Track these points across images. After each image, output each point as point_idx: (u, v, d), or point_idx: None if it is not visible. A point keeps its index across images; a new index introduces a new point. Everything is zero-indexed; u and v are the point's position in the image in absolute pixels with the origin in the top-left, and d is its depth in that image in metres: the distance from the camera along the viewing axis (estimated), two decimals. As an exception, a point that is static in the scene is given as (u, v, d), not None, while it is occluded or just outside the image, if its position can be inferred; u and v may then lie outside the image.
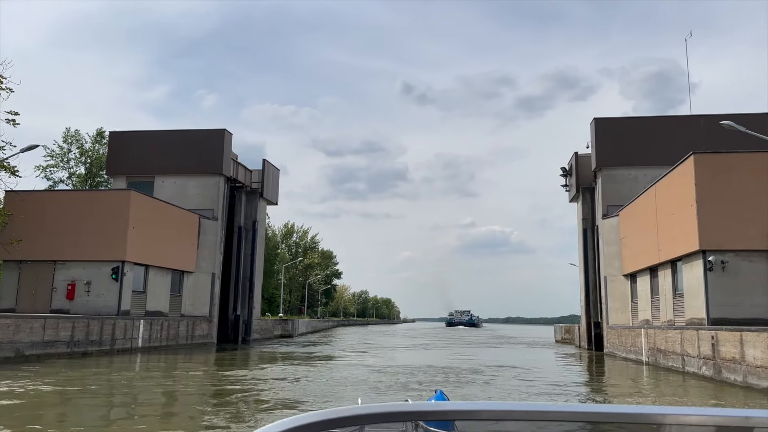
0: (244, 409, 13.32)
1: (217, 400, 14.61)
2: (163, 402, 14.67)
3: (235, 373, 20.58)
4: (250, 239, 45.25)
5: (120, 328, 29.54)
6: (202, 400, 14.87)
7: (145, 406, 14.04)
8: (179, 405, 14.41)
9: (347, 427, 1.51)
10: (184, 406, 14.16)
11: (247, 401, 14.37)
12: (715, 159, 23.75)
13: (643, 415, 1.49)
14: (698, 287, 23.83)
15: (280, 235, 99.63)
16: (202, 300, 38.86)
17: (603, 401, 16.63)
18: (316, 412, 1.39)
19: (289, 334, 54.83)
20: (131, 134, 42.46)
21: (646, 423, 1.51)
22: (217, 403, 14.13)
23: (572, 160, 45.59)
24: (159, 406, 14.07)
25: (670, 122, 38.28)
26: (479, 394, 16.29)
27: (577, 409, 1.55)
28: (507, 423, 1.61)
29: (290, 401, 14.40)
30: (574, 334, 52.83)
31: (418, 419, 1.84)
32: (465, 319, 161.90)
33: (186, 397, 15.39)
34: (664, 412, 1.49)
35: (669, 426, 1.53)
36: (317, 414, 1.38)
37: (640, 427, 1.57)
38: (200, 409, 13.48)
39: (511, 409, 1.54)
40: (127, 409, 13.57)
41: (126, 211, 31.78)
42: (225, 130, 41.09)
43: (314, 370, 22.71)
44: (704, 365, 20.83)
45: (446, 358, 30.69)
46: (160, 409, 13.70)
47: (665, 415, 1.49)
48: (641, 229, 30.90)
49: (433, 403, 1.80)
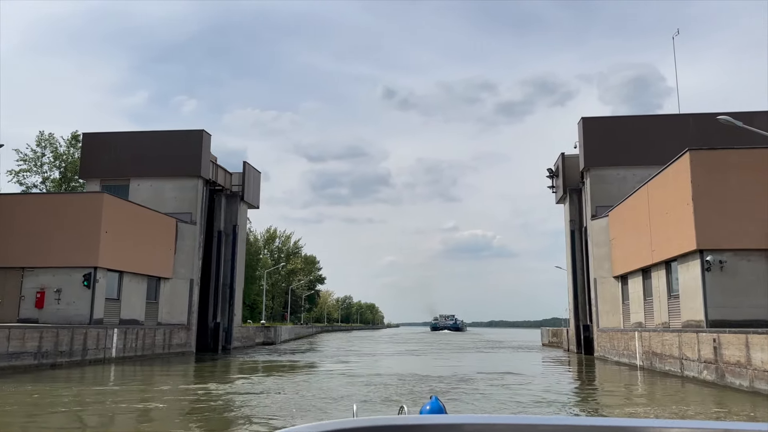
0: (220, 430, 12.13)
1: (194, 422, 13.38)
2: (135, 422, 13.40)
3: (214, 388, 19.30)
4: (230, 244, 43.86)
5: (92, 337, 28.06)
6: (178, 420, 13.62)
7: (115, 426, 12.77)
8: (153, 425, 13.15)
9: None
10: (158, 425, 12.91)
11: (225, 420, 13.16)
12: (711, 156, 22.99)
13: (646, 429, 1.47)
14: (695, 288, 23.02)
15: (262, 240, 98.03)
16: (180, 307, 37.39)
17: (601, 409, 15.66)
18: (309, 424, 1.36)
19: (271, 342, 53.40)
20: (105, 136, 40.94)
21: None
22: (195, 424, 12.91)
23: (559, 161, 44.88)
24: (130, 427, 12.80)
25: (660, 121, 37.69)
26: (474, 405, 15.22)
27: (574, 422, 1.52)
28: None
29: (271, 419, 13.21)
30: (561, 337, 52.07)
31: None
32: (450, 324, 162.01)
33: (160, 414, 14.12)
34: (658, 425, 1.48)
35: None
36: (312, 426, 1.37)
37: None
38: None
39: (506, 423, 1.55)
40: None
41: (98, 214, 30.33)
42: (203, 131, 39.73)
43: (298, 381, 21.51)
44: (705, 369, 19.97)
45: (435, 366, 29.62)
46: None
47: (660, 428, 1.48)
48: (632, 229, 30.13)
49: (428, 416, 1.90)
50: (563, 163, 43.99)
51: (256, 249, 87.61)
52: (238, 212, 44.70)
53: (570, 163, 43.80)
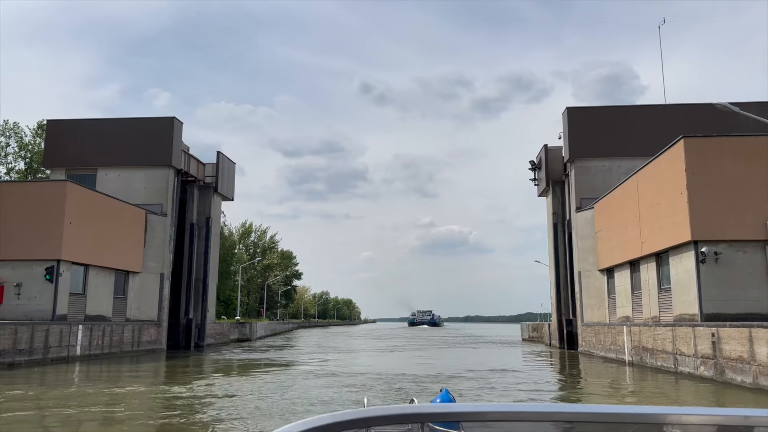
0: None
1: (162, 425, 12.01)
2: (97, 428, 11.98)
3: (180, 391, 17.89)
4: (203, 237, 42.23)
5: (54, 334, 26.35)
6: (143, 428, 12.24)
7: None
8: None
9: (354, 429, 1.52)
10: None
11: (195, 425, 11.82)
12: (707, 143, 22.14)
13: (646, 416, 1.52)
14: (689, 281, 22.19)
15: (237, 235, 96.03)
16: (150, 303, 35.70)
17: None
18: (324, 415, 1.38)
19: (246, 339, 51.85)
20: (71, 123, 38.94)
21: (649, 423, 1.53)
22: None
23: (541, 152, 44.02)
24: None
25: (646, 111, 36.94)
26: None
27: (582, 410, 1.56)
28: (513, 424, 1.64)
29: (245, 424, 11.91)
30: (542, 332, 51.42)
31: (425, 421, 1.75)
32: (427, 319, 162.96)
33: (124, 421, 12.72)
34: (666, 412, 1.52)
35: (670, 426, 1.55)
36: (325, 417, 1.38)
37: (642, 427, 1.57)
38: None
39: (517, 411, 1.60)
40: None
41: (61, 204, 28.57)
42: (174, 118, 37.98)
43: (273, 383, 20.18)
44: (702, 365, 19.12)
45: (419, 363, 28.46)
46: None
47: (667, 415, 1.53)
48: (620, 221, 29.31)
49: (440, 405, 1.78)
50: (546, 155, 43.13)
51: (231, 243, 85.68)
52: (211, 204, 43.06)
53: (553, 155, 42.97)
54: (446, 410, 1.69)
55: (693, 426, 1.56)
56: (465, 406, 1.63)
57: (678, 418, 1.54)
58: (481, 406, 1.60)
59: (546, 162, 42.94)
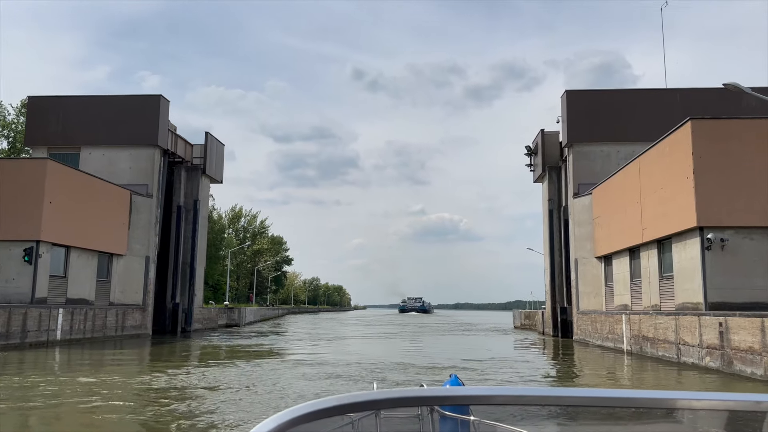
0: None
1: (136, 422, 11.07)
2: (77, 419, 11.02)
3: (160, 379, 16.96)
4: (190, 220, 41.12)
5: (33, 318, 25.31)
6: (115, 419, 11.29)
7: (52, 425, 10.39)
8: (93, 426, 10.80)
9: (363, 411, 1.52)
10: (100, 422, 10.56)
11: (169, 420, 10.89)
12: (715, 126, 21.26)
13: (655, 400, 1.50)
14: (693, 269, 21.42)
15: (227, 219, 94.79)
16: (135, 286, 34.65)
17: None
18: (334, 397, 1.38)
19: (235, 324, 50.93)
20: (54, 99, 37.56)
21: (658, 408, 1.52)
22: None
23: (538, 137, 43.12)
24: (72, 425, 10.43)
25: (646, 96, 36.04)
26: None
27: (590, 394, 1.54)
28: (521, 408, 1.63)
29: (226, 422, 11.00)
30: (534, 319, 50.81)
31: (434, 404, 1.74)
32: (417, 306, 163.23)
33: (102, 414, 11.76)
34: (676, 397, 1.50)
35: (679, 411, 1.53)
36: (334, 399, 1.39)
37: (652, 412, 1.55)
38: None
39: (526, 394, 1.56)
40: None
41: (41, 182, 27.41)
42: (161, 96, 36.69)
43: (260, 373, 19.29)
44: (708, 356, 18.38)
45: (413, 351, 27.62)
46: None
47: (677, 400, 1.50)
48: (620, 207, 28.50)
49: (449, 388, 1.81)
50: (543, 140, 42.24)
51: (220, 227, 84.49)
52: (199, 186, 41.91)
53: (550, 140, 42.10)
54: (455, 393, 1.65)
55: (703, 411, 1.53)
56: (474, 389, 1.57)
57: (687, 403, 1.51)
58: (490, 390, 1.57)
59: (542, 147, 42.05)
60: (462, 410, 1.80)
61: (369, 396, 1.43)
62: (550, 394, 1.59)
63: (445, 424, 1.89)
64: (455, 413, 1.84)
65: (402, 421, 1.90)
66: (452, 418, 1.87)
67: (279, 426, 1.31)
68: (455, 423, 1.86)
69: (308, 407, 1.36)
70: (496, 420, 1.74)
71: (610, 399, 1.53)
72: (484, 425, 1.75)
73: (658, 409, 1.54)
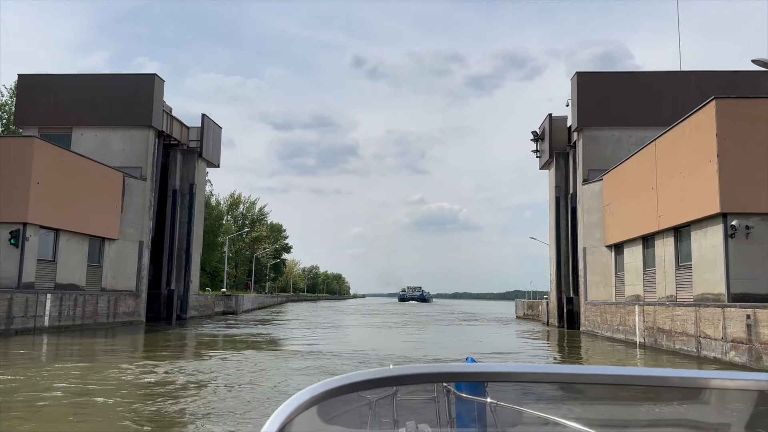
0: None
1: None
2: (61, 414, 9.86)
3: (145, 371, 15.83)
4: (186, 204, 39.89)
5: (19, 303, 24.17)
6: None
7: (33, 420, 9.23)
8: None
9: (381, 387, 1.54)
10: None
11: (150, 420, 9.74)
12: (741, 106, 20.00)
13: (675, 379, 1.48)
14: (714, 258, 20.24)
15: (225, 206, 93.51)
16: (128, 272, 33.47)
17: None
18: (351, 374, 1.38)
19: (232, 311, 49.85)
20: (45, 78, 36.18)
21: (677, 386, 1.50)
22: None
23: (545, 123, 41.81)
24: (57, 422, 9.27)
25: (659, 78, 34.69)
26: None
27: (609, 372, 1.51)
28: (538, 385, 1.61)
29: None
30: (538, 310, 49.73)
31: (451, 380, 1.76)
32: (417, 295, 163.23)
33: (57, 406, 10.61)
34: (700, 376, 1.47)
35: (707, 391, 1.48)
36: (352, 376, 1.39)
37: (676, 390, 1.52)
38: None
39: (543, 372, 1.57)
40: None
41: (28, 162, 26.16)
42: (155, 75, 35.35)
43: (253, 363, 18.17)
44: (733, 350, 17.24)
45: (417, 343, 26.48)
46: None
47: (699, 378, 1.46)
48: (633, 193, 27.28)
49: (465, 365, 1.71)
50: (550, 126, 40.93)
51: (218, 214, 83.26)
52: (195, 170, 40.64)
53: (557, 126, 40.81)
54: (472, 370, 1.64)
55: (734, 392, 1.48)
56: (491, 366, 1.56)
57: (717, 383, 1.47)
58: (508, 366, 1.55)
59: (550, 132, 40.76)
60: (478, 392, 1.71)
61: (387, 372, 1.42)
62: (568, 372, 1.56)
63: (462, 405, 1.82)
64: (472, 395, 1.75)
65: (418, 403, 1.87)
66: (468, 400, 1.78)
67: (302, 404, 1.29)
68: (471, 404, 1.77)
69: (328, 384, 1.36)
70: (514, 402, 1.67)
71: (629, 377, 1.49)
72: (501, 407, 1.66)
73: (685, 389, 1.50)
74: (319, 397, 1.32)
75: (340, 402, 1.41)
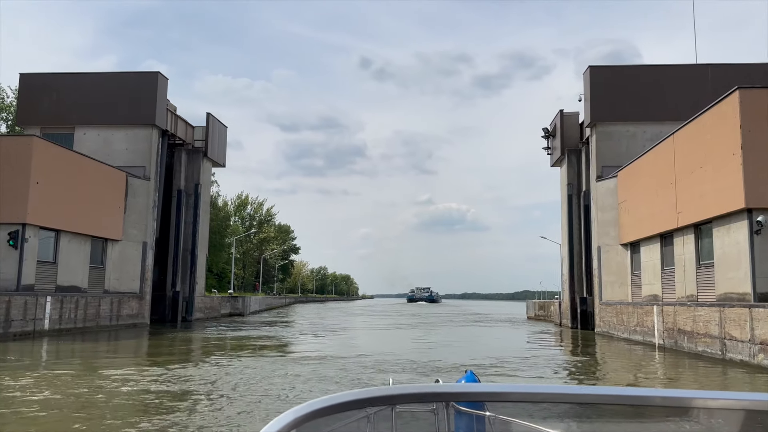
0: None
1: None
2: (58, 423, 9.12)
3: (139, 378, 15.11)
4: (191, 205, 39.27)
5: (18, 306, 23.55)
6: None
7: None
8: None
9: (379, 406, 1.55)
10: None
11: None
12: (765, 96, 19.04)
13: (671, 399, 1.48)
14: (738, 255, 19.30)
15: (232, 206, 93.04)
16: (131, 273, 32.84)
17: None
18: (351, 392, 1.37)
19: (239, 313, 49.21)
20: (47, 77, 35.65)
21: (674, 407, 1.50)
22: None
23: (556, 119, 40.89)
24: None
25: (674, 72, 33.66)
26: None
27: (608, 392, 1.52)
28: (538, 405, 1.63)
29: None
30: (549, 310, 48.77)
31: (450, 400, 1.76)
32: (425, 296, 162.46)
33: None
34: (693, 396, 1.47)
35: (696, 410, 1.50)
36: (351, 394, 1.39)
37: (668, 410, 1.54)
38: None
39: (542, 392, 1.59)
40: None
41: (27, 162, 25.56)
42: (159, 73, 34.73)
43: (257, 370, 17.42)
44: (762, 352, 16.30)
45: (431, 347, 25.59)
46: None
47: (692, 398, 1.47)
48: (650, 189, 26.34)
49: (465, 384, 1.83)
50: (561, 122, 40.00)
51: (225, 215, 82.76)
52: (200, 170, 40.01)
53: (569, 122, 39.89)
54: (471, 390, 1.66)
55: (720, 411, 1.49)
56: (489, 386, 1.59)
57: (704, 402, 1.48)
58: (506, 386, 1.57)
59: (561, 129, 39.84)
60: (478, 405, 1.73)
61: (385, 391, 1.44)
62: (565, 392, 1.60)
63: (461, 419, 1.79)
64: (471, 408, 1.76)
65: (417, 415, 1.84)
66: (468, 414, 1.76)
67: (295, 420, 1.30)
68: (471, 418, 1.76)
69: (327, 401, 1.36)
70: (512, 416, 1.68)
71: (627, 397, 1.51)
72: (499, 421, 1.69)
73: (674, 408, 1.51)
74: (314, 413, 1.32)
75: (337, 417, 1.42)
